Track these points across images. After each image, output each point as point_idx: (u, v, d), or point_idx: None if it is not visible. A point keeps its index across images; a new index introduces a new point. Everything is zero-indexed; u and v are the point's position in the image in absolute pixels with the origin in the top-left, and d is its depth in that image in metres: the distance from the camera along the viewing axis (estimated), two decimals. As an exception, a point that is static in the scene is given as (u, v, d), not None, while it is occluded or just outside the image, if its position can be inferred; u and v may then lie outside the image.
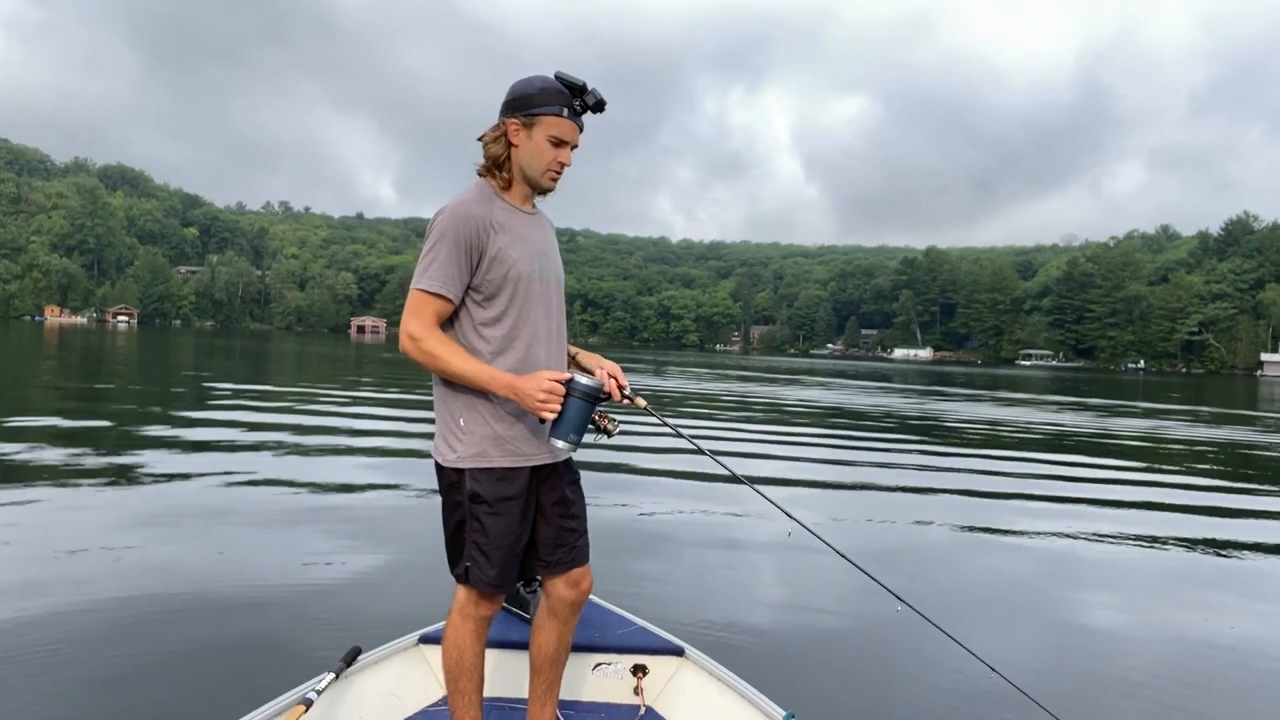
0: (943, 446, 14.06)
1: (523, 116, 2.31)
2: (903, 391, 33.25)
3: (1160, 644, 4.84)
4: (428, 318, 2.28)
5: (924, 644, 4.40)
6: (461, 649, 2.45)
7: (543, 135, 2.31)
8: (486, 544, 2.34)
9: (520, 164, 2.36)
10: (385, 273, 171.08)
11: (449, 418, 2.38)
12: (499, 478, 2.33)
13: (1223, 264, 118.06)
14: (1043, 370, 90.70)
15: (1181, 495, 10.05)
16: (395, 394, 20.44)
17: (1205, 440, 17.58)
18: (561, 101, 2.30)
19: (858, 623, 4.89)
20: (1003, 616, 5.19)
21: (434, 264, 2.27)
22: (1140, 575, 6.36)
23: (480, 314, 2.34)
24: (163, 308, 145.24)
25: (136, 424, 12.33)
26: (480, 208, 2.31)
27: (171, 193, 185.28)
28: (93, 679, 3.64)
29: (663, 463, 10.41)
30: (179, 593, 4.83)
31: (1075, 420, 21.65)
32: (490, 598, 2.44)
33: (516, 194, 2.40)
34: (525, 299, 2.35)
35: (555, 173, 2.37)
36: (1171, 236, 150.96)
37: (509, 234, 2.32)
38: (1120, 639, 4.89)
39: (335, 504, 7.57)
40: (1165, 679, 4.23)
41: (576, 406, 2.23)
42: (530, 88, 2.31)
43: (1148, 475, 11.77)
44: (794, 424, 17.42)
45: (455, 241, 2.26)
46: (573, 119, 2.33)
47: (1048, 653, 4.58)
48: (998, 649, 4.32)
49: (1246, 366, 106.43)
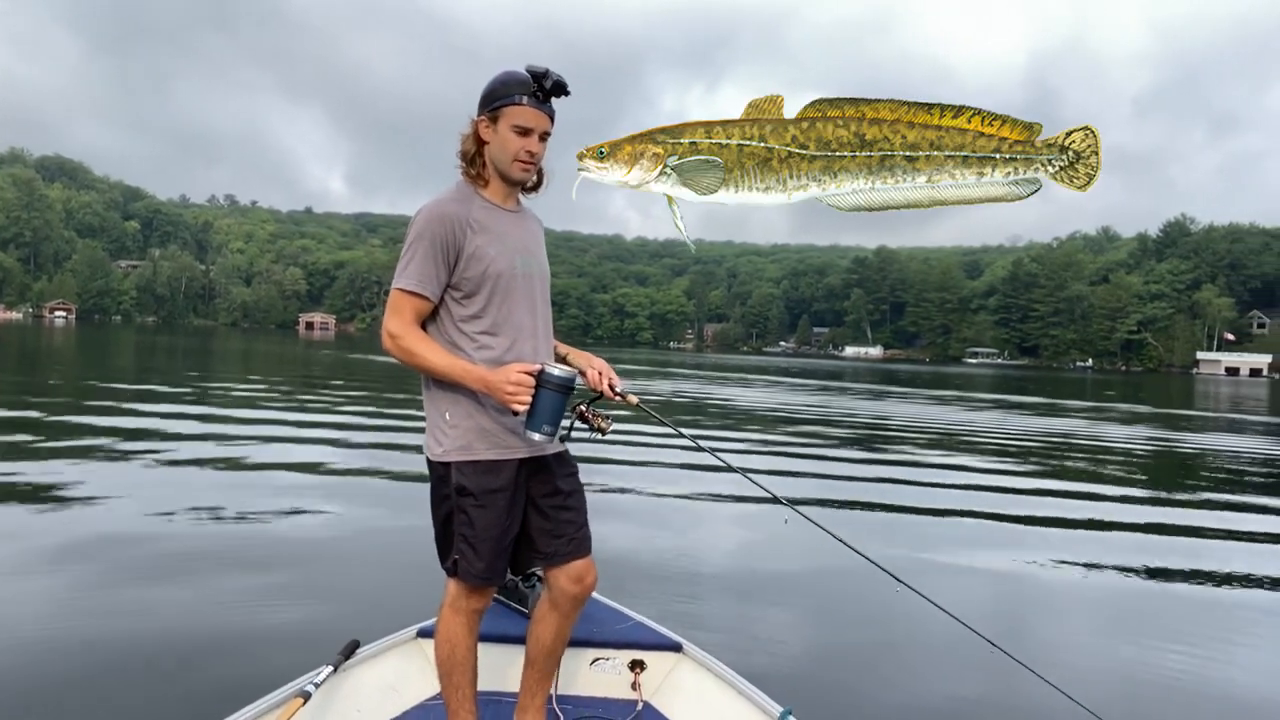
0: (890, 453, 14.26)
1: (488, 112, 2.37)
2: (857, 393, 33.66)
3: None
4: (406, 316, 2.35)
5: (922, 639, 4.49)
6: (454, 643, 2.46)
7: (507, 126, 2.35)
8: (474, 536, 2.37)
9: (492, 158, 2.40)
10: (335, 268, 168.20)
11: (436, 413, 2.42)
12: (485, 470, 2.36)
13: (1161, 265, 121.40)
14: (989, 368, 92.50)
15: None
16: (368, 393, 20.16)
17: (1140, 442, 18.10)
18: (522, 90, 2.33)
19: (855, 618, 4.95)
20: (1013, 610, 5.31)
21: (411, 263, 2.34)
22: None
23: (460, 311, 2.39)
24: (102, 303, 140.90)
25: (103, 416, 12.03)
26: (458, 206, 2.37)
27: (112, 185, 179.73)
28: (89, 673, 3.61)
29: (656, 458, 10.43)
30: (175, 587, 4.78)
31: (1019, 423, 22.13)
32: (480, 590, 2.46)
33: (496, 191, 2.45)
34: (506, 295, 2.40)
35: (524, 163, 2.40)
36: (1112, 238, 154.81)
37: (487, 232, 2.38)
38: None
39: (332, 497, 7.56)
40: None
41: (548, 398, 2.26)
42: (494, 83, 2.37)
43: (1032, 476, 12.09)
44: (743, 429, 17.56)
45: (432, 241, 2.33)
46: (536, 105, 2.35)
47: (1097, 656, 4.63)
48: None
49: (1183, 365, 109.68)
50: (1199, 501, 9.98)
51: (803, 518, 2.71)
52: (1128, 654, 4.56)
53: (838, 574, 5.72)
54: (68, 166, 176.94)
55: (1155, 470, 13.08)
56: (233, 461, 9.28)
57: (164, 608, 4.46)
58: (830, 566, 5.90)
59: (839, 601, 5.27)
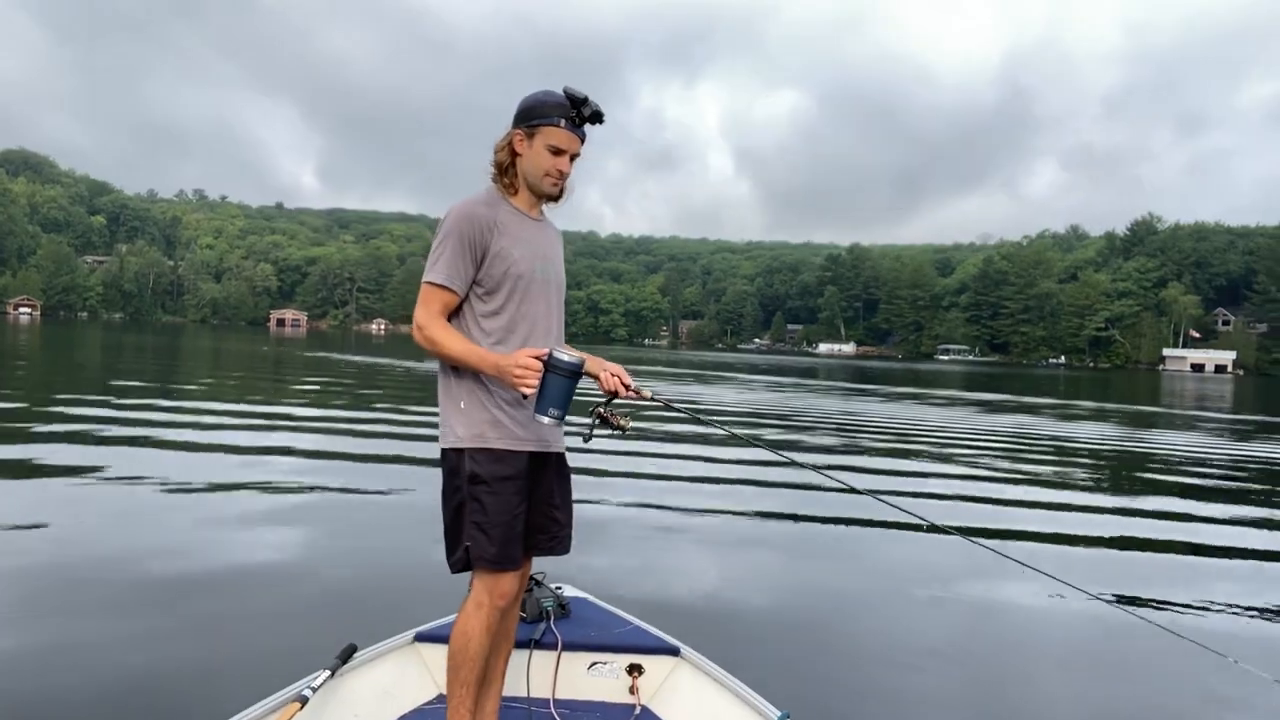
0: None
1: (525, 127, 2.52)
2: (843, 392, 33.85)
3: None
4: (434, 307, 2.49)
5: (921, 642, 4.52)
6: (469, 636, 2.51)
7: (542, 144, 2.51)
8: (486, 522, 2.46)
9: (524, 171, 2.56)
10: (307, 265, 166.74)
11: (450, 403, 2.55)
12: (497, 458, 2.48)
13: (1128, 263, 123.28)
14: (959, 365, 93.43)
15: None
16: (365, 395, 19.99)
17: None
18: (560, 113, 2.49)
19: (854, 622, 4.96)
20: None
21: (441, 258, 2.48)
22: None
23: (481, 307, 2.53)
24: (68, 299, 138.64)
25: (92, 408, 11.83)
26: (486, 209, 2.53)
27: (77, 179, 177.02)
28: (90, 675, 3.59)
29: (661, 458, 10.40)
30: (172, 589, 4.75)
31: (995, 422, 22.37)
32: (500, 582, 2.51)
33: (523, 200, 2.61)
34: (525, 295, 2.55)
35: (555, 179, 2.55)
36: (1081, 236, 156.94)
37: (511, 235, 2.53)
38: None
39: (333, 502, 7.51)
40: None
41: (556, 382, 2.36)
42: (533, 100, 2.52)
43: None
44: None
45: (460, 238, 2.47)
46: (571, 129, 2.51)
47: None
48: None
49: (1150, 361, 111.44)
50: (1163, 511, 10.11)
51: (823, 475, 2.71)
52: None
53: (840, 579, 5.76)
54: (32, 160, 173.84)
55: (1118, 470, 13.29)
56: (222, 461, 9.18)
57: (158, 611, 4.41)
58: (833, 571, 5.93)
59: (839, 605, 5.26)
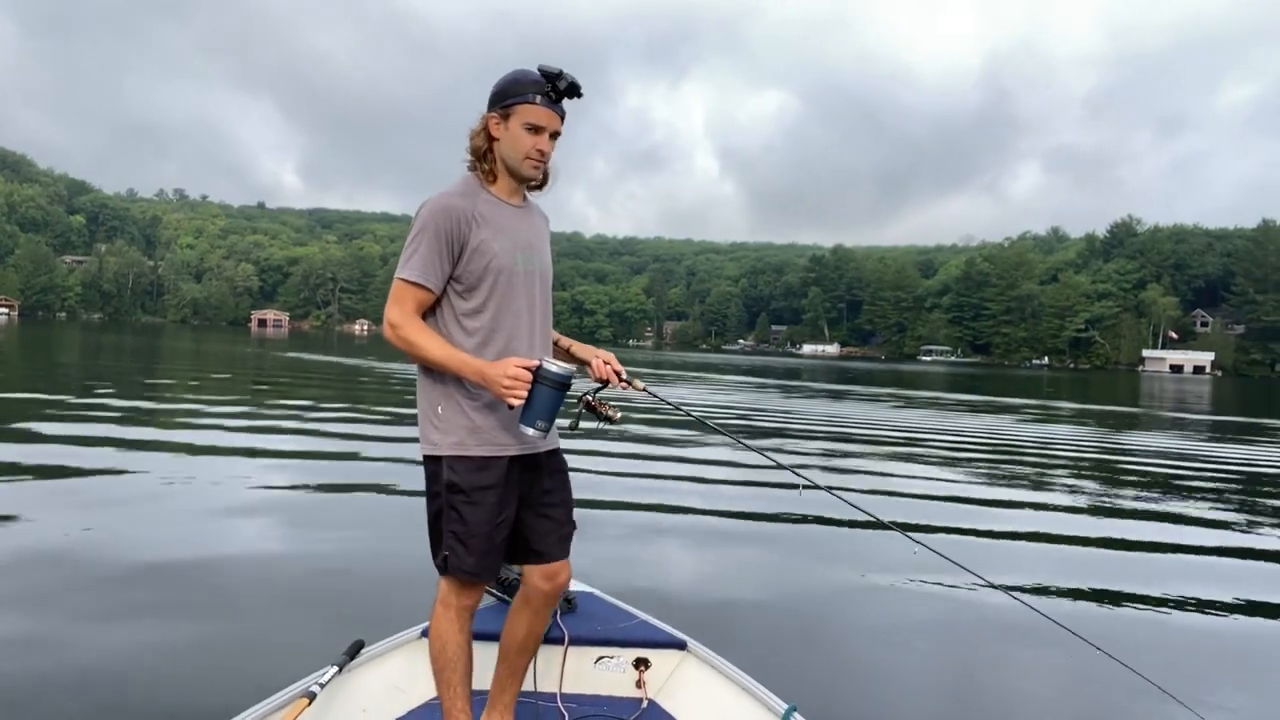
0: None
1: (500, 109, 2.39)
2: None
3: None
4: (408, 306, 2.35)
5: (924, 637, 4.54)
6: (444, 639, 2.45)
7: (519, 124, 2.38)
8: (464, 533, 2.37)
9: (502, 155, 2.43)
10: (289, 264, 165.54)
11: (428, 407, 2.42)
12: (477, 467, 2.37)
13: (1108, 265, 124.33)
14: (942, 366, 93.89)
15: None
16: (363, 395, 19.84)
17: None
18: (536, 89, 2.37)
19: (860, 615, 4.95)
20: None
21: (415, 254, 2.34)
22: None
23: (461, 305, 2.40)
24: (46, 299, 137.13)
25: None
26: (463, 200, 2.38)
27: (56, 178, 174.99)
28: (92, 672, 3.57)
29: (661, 460, 10.39)
30: (178, 587, 4.73)
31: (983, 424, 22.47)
32: (470, 587, 2.46)
33: (503, 187, 2.47)
34: (506, 291, 2.42)
35: (535, 160, 2.44)
36: (1061, 238, 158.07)
37: (491, 227, 2.39)
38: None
39: (340, 499, 7.48)
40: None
41: (545, 394, 2.26)
42: (507, 80, 2.40)
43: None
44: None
45: (436, 233, 2.33)
46: (548, 105, 2.38)
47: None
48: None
49: (1129, 362, 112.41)
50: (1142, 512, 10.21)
51: (817, 488, 2.72)
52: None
53: (845, 572, 5.76)
54: (9, 159, 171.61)
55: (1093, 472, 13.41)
56: (229, 463, 9.11)
57: (166, 613, 4.39)
58: (838, 566, 5.95)
59: (845, 599, 5.26)
